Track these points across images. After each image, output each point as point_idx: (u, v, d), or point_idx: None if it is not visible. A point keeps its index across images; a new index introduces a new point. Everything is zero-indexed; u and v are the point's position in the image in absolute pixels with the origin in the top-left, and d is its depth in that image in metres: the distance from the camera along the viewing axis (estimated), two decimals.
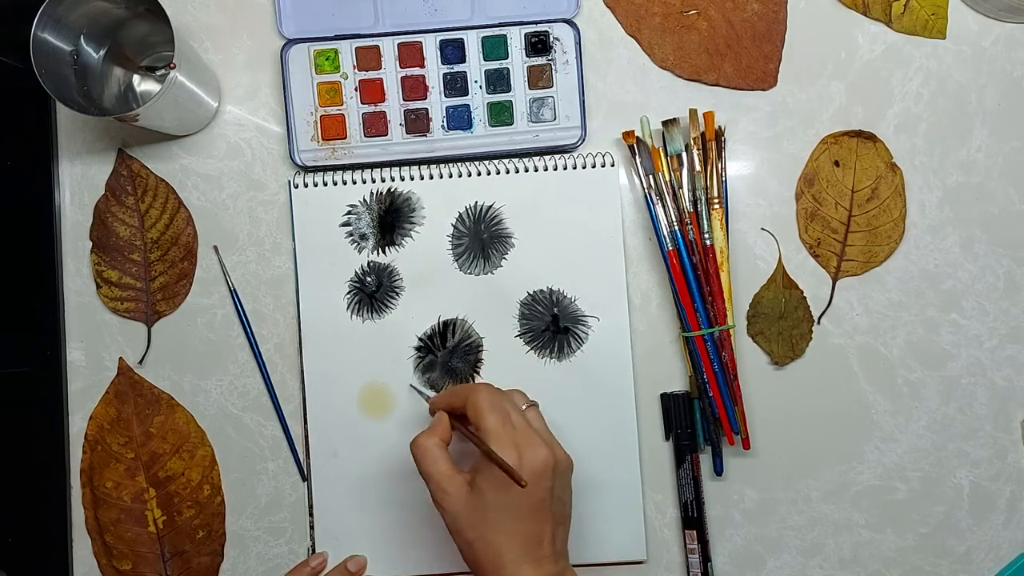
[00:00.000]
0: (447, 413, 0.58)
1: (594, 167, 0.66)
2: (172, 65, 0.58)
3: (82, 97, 0.61)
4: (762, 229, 0.67)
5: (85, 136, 0.68)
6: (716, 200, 0.64)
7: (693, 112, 0.65)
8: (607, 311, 0.66)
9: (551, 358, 0.66)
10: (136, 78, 0.66)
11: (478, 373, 0.66)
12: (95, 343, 0.67)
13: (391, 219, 0.66)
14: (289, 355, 0.67)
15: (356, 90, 0.66)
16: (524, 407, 0.57)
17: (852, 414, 0.66)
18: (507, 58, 0.66)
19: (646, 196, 0.65)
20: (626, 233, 0.66)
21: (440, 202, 0.66)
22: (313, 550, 0.66)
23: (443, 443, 0.56)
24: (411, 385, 0.66)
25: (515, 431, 0.54)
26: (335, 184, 0.66)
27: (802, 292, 0.66)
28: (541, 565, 0.53)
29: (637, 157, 0.65)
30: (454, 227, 0.66)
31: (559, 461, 0.55)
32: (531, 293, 0.66)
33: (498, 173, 0.66)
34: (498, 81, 0.66)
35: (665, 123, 0.65)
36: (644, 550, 0.65)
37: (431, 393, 0.64)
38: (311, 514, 0.66)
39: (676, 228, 0.64)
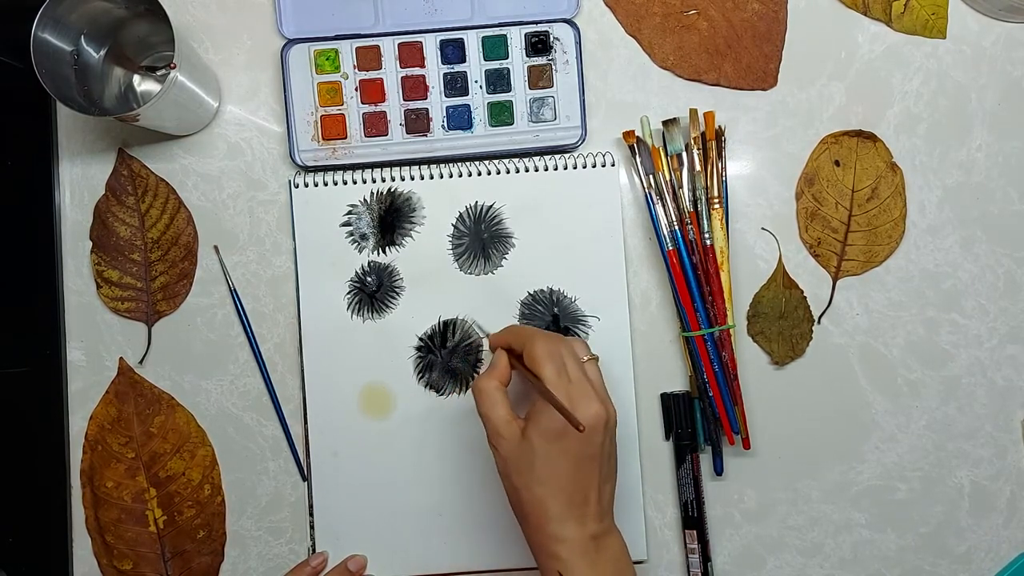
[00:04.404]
0: (506, 352, 0.57)
1: (594, 167, 0.66)
2: (172, 65, 0.58)
3: (82, 97, 0.61)
4: (762, 229, 0.67)
5: (85, 136, 0.68)
6: (716, 200, 0.64)
7: (693, 112, 0.65)
8: (607, 311, 0.66)
9: None
10: (136, 78, 0.66)
11: (478, 373, 0.66)
12: (95, 343, 0.67)
13: (391, 219, 0.66)
14: (289, 355, 0.67)
15: (356, 90, 0.66)
16: (585, 359, 0.55)
17: (852, 414, 0.66)
18: (507, 58, 0.66)
19: (646, 196, 0.65)
20: (626, 233, 0.66)
21: (440, 202, 0.66)
22: (313, 550, 0.66)
23: (502, 385, 0.55)
24: (471, 321, 0.65)
25: (570, 383, 0.53)
26: (335, 184, 0.66)
27: (802, 292, 0.66)
28: (585, 523, 0.53)
29: (637, 157, 0.65)
30: (454, 227, 0.66)
31: (611, 417, 0.54)
32: (531, 293, 0.66)
33: (498, 173, 0.66)
34: (498, 81, 0.66)
35: (665, 123, 0.65)
36: (644, 550, 0.65)
37: (490, 330, 0.62)
38: (311, 514, 0.66)
39: (676, 228, 0.64)
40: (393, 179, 0.66)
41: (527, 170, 0.66)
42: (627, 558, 0.55)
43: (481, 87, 0.66)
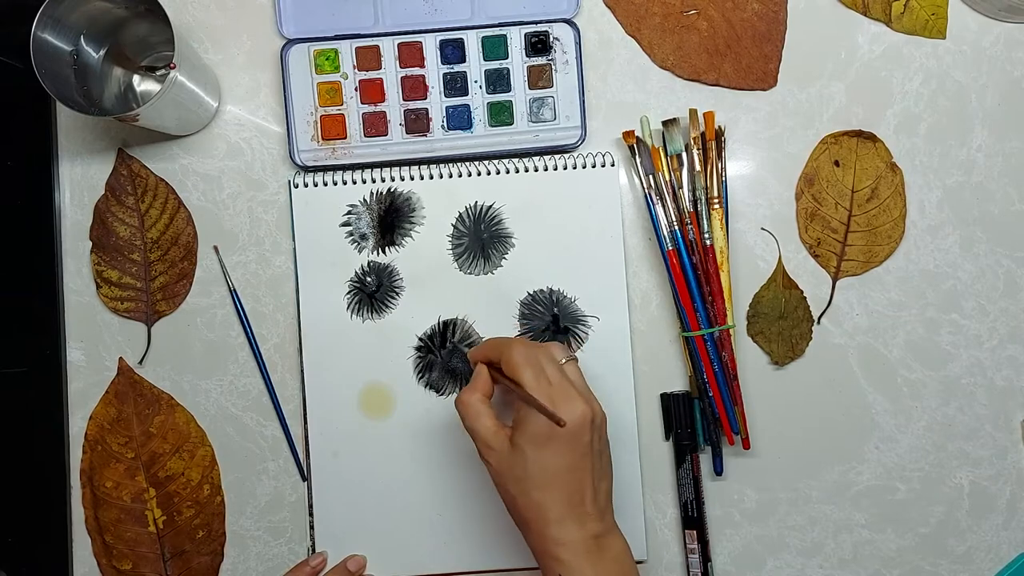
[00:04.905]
0: (486, 365, 0.57)
1: (594, 167, 0.66)
2: (172, 65, 0.58)
3: (82, 97, 0.61)
4: (762, 229, 0.67)
5: (85, 136, 0.68)
6: (716, 200, 0.64)
7: (693, 112, 0.65)
8: (607, 311, 0.66)
9: None
10: (136, 78, 0.66)
11: None
12: (95, 343, 0.67)
13: (391, 219, 0.66)
14: (289, 355, 0.67)
15: (356, 90, 0.66)
16: (563, 361, 0.56)
17: (852, 414, 0.66)
18: (507, 58, 0.66)
19: (646, 196, 0.65)
20: (626, 233, 0.66)
21: (440, 202, 0.66)
22: (313, 550, 0.66)
23: (486, 398, 0.56)
24: (452, 342, 0.66)
25: (550, 386, 0.53)
26: (335, 184, 0.66)
27: (802, 292, 0.66)
28: (585, 524, 0.53)
29: (637, 157, 0.65)
30: (454, 227, 0.66)
31: (596, 414, 0.54)
32: (531, 293, 0.66)
33: (498, 173, 0.66)
34: (498, 81, 0.66)
35: (665, 123, 0.65)
36: (644, 550, 0.65)
37: (465, 348, 0.63)
38: (311, 514, 0.66)
39: (676, 228, 0.64)
40: (393, 179, 0.66)
41: (527, 170, 0.66)
42: (630, 558, 0.55)
43: (481, 87, 0.66)
